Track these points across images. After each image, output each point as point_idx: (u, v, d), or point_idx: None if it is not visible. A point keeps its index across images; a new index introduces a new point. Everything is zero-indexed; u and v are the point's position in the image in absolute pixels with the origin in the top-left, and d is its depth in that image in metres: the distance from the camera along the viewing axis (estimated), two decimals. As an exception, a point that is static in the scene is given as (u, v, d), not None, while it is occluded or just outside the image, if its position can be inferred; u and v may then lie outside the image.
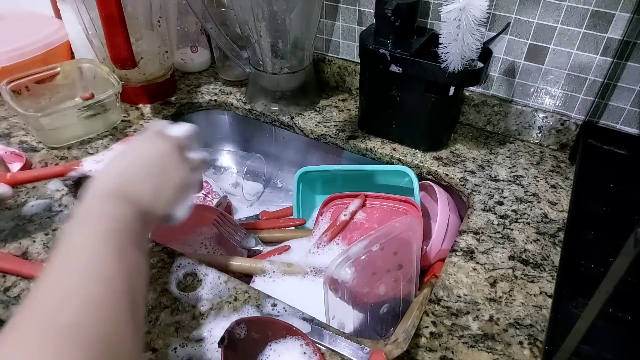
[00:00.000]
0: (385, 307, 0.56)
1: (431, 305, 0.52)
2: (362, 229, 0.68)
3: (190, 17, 0.92)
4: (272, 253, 0.67)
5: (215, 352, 0.46)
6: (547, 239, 0.60)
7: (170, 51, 0.85)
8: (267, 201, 0.90)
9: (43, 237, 0.59)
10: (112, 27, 0.67)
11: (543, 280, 0.54)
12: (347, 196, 0.72)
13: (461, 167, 0.72)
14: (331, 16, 0.84)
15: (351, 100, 0.88)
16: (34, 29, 0.87)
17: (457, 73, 0.63)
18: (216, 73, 0.96)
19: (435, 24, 0.75)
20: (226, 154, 0.89)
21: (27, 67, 0.77)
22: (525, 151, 0.75)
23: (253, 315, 0.50)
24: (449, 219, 0.64)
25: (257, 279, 0.62)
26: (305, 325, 0.48)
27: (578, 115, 0.73)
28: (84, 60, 0.82)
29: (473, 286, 0.54)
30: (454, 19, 0.59)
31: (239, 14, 0.76)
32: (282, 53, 0.79)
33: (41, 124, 0.70)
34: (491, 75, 0.76)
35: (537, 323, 0.50)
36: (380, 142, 0.77)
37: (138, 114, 0.83)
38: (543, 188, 0.68)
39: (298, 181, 0.77)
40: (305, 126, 0.81)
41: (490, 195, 0.67)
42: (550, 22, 0.67)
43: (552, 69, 0.71)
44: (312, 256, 0.65)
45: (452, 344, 0.48)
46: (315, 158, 0.86)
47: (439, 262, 0.64)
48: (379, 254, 0.55)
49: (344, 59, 0.88)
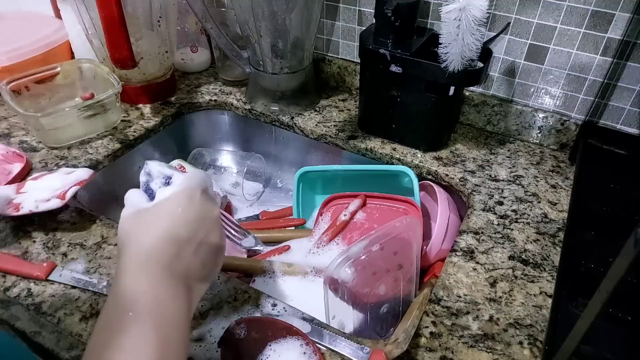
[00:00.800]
0: (385, 307, 0.56)
1: (431, 305, 0.52)
2: (362, 229, 0.68)
3: (190, 17, 0.92)
4: (272, 253, 0.67)
5: (215, 352, 0.46)
6: (547, 239, 0.60)
7: (170, 51, 0.85)
8: (267, 201, 0.90)
9: (43, 237, 0.59)
10: (112, 27, 0.67)
11: (543, 280, 0.54)
12: (347, 196, 0.72)
13: (461, 167, 0.72)
14: (331, 16, 0.84)
15: (351, 100, 0.88)
16: (34, 29, 0.87)
17: (457, 73, 0.63)
18: (216, 73, 0.96)
19: (435, 24, 0.75)
20: (226, 154, 0.89)
21: (27, 67, 0.77)
22: (525, 151, 0.75)
23: (253, 315, 0.50)
24: (449, 219, 0.64)
25: (257, 279, 0.62)
26: (305, 325, 0.48)
27: (578, 115, 0.73)
28: (84, 60, 0.82)
29: (473, 286, 0.54)
30: (454, 19, 0.59)
31: (239, 14, 0.76)
32: (282, 53, 0.79)
33: (41, 124, 0.70)
34: (491, 75, 0.76)
35: (537, 323, 0.50)
36: (380, 142, 0.77)
37: (138, 114, 0.83)
38: (543, 188, 0.68)
39: (298, 181, 0.77)
40: (305, 126, 0.81)
41: (490, 195, 0.67)
42: (550, 22, 0.67)
43: (552, 69, 0.71)
44: (312, 256, 0.65)
45: (452, 344, 0.48)
46: (315, 158, 0.86)
47: (439, 262, 0.64)
48: (379, 254, 0.55)
49: (344, 59, 0.88)
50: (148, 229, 0.39)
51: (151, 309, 0.36)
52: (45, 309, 0.51)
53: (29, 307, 0.51)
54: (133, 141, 0.78)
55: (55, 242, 0.59)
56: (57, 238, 0.59)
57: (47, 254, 0.57)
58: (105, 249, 0.58)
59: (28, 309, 0.51)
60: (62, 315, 0.50)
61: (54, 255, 0.57)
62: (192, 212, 0.40)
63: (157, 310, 0.36)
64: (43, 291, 0.52)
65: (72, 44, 0.89)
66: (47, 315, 0.50)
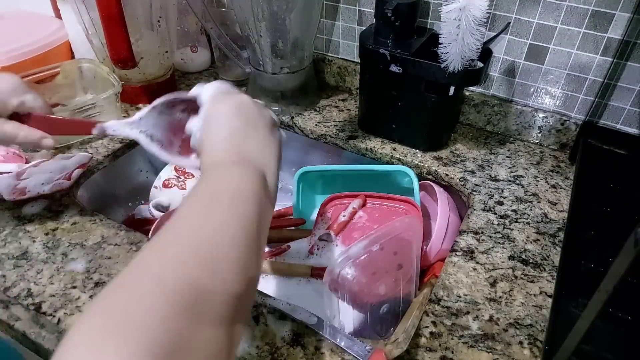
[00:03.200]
0: (385, 307, 0.56)
1: (431, 305, 0.52)
2: (362, 229, 0.68)
3: (190, 17, 0.92)
4: (272, 253, 0.67)
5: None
6: (547, 239, 0.60)
7: (170, 51, 0.85)
8: (267, 201, 0.90)
9: (43, 237, 0.59)
10: (112, 27, 0.67)
11: (543, 280, 0.54)
12: (347, 196, 0.72)
13: (461, 167, 0.72)
14: (331, 16, 0.84)
15: (351, 100, 0.88)
16: (34, 29, 0.88)
17: (457, 73, 0.63)
18: (216, 73, 0.96)
19: (435, 24, 0.75)
20: (226, 154, 0.89)
21: (27, 67, 0.77)
22: (525, 151, 0.75)
23: (253, 313, 0.50)
24: (449, 219, 0.64)
25: (257, 279, 0.62)
26: (311, 317, 0.48)
27: (578, 115, 0.73)
28: (84, 60, 0.82)
29: (473, 286, 0.54)
30: (454, 18, 0.59)
31: (239, 14, 0.76)
32: (282, 53, 0.79)
33: (41, 124, 0.70)
34: (491, 75, 0.76)
35: (537, 323, 0.50)
36: (380, 142, 0.77)
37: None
38: (543, 188, 0.68)
39: (298, 181, 0.77)
40: (305, 126, 0.81)
41: (490, 195, 0.67)
42: (550, 22, 0.67)
43: (552, 69, 0.71)
44: (312, 256, 0.65)
45: (452, 344, 0.48)
46: (315, 158, 0.86)
47: (439, 262, 0.64)
48: (379, 254, 0.55)
49: (344, 59, 0.88)
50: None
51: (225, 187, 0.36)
52: (45, 309, 0.51)
53: (29, 307, 0.51)
54: (133, 141, 0.78)
55: (55, 242, 0.59)
56: (57, 238, 0.59)
57: (47, 254, 0.57)
58: (106, 249, 0.58)
59: (28, 309, 0.51)
60: (62, 315, 0.50)
61: (54, 255, 0.57)
62: (231, 106, 0.43)
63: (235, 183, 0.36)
64: (43, 291, 0.52)
65: (72, 44, 0.90)
66: (47, 315, 0.50)
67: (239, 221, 0.33)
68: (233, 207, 0.34)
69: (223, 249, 0.31)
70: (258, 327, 0.49)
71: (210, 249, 0.30)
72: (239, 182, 0.36)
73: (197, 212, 0.33)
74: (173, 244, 0.30)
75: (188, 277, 0.28)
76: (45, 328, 0.49)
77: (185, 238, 0.31)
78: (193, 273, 0.28)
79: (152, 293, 0.26)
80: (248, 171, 0.38)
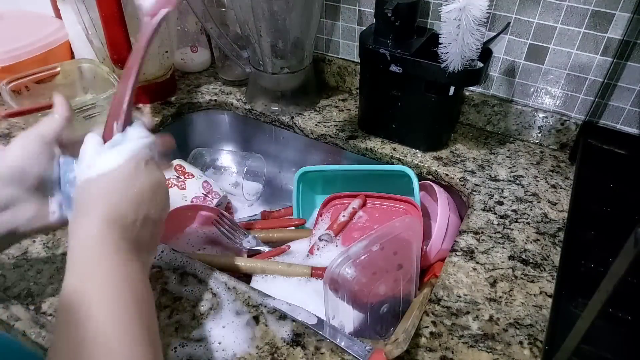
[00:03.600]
0: (385, 307, 0.56)
1: (431, 305, 0.52)
2: (362, 229, 0.68)
3: (190, 17, 0.92)
4: (272, 253, 0.67)
5: (215, 353, 0.46)
6: (547, 238, 0.60)
7: (170, 51, 0.85)
8: (267, 201, 0.90)
9: (43, 237, 0.59)
10: (112, 27, 0.67)
11: (543, 280, 0.54)
12: (347, 196, 0.72)
13: (461, 167, 0.72)
14: (331, 16, 0.84)
15: (351, 100, 0.88)
16: (34, 29, 0.88)
17: (457, 73, 0.63)
18: (216, 73, 0.96)
19: (435, 24, 0.75)
20: (226, 154, 0.89)
21: (27, 67, 0.77)
22: (525, 151, 0.75)
23: (253, 316, 0.50)
24: (449, 219, 0.64)
25: (257, 279, 0.62)
26: (311, 317, 0.48)
27: (578, 115, 0.73)
28: (84, 60, 0.82)
29: (473, 286, 0.54)
30: (454, 18, 0.59)
31: (239, 14, 0.76)
32: (282, 53, 0.79)
33: (41, 124, 0.70)
34: (491, 75, 0.76)
35: (537, 323, 0.50)
36: (380, 142, 0.77)
37: (138, 114, 0.83)
38: (543, 188, 0.68)
39: (298, 181, 0.77)
40: (305, 126, 0.81)
41: (490, 195, 0.67)
42: (550, 22, 0.67)
43: (552, 69, 0.71)
44: (312, 256, 0.65)
45: (452, 343, 0.48)
46: (315, 158, 0.86)
47: (439, 262, 0.64)
48: (379, 254, 0.55)
49: (344, 59, 0.88)
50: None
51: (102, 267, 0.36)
52: (45, 309, 0.51)
53: (29, 307, 0.51)
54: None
55: (55, 242, 0.59)
56: (57, 238, 0.59)
57: (47, 254, 0.57)
58: (105, 249, 0.58)
59: (28, 309, 0.51)
60: (62, 315, 0.50)
61: (54, 255, 0.57)
62: (142, 181, 0.41)
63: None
64: (43, 291, 0.52)
65: (72, 44, 0.89)
66: (47, 315, 0.50)
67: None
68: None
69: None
70: (258, 327, 0.49)
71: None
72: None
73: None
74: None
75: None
76: (45, 328, 0.49)
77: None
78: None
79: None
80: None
